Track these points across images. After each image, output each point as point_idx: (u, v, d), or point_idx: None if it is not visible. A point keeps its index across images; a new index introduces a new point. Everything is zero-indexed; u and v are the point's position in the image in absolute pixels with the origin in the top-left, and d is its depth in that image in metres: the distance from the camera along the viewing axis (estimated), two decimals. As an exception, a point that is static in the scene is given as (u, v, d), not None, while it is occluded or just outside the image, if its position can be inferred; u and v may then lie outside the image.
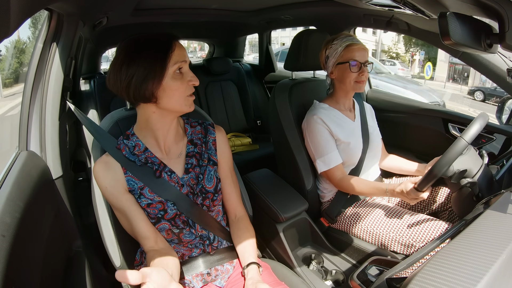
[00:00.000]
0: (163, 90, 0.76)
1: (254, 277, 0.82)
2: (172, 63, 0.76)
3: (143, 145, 0.83)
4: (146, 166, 0.81)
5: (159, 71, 0.74)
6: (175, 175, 0.84)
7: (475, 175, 0.97)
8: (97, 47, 2.55)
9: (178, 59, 0.77)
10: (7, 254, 0.54)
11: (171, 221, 0.82)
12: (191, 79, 0.79)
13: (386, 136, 1.45)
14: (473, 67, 1.26)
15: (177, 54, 0.77)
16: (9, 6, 0.44)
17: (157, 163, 0.83)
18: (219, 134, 0.94)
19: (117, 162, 0.80)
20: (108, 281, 1.12)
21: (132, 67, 0.74)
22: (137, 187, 0.81)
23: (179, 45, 0.79)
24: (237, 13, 2.12)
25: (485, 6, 0.68)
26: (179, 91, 0.77)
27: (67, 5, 0.96)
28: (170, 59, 0.75)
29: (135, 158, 0.81)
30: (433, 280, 0.53)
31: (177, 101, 0.78)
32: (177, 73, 0.77)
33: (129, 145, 0.82)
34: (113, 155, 0.81)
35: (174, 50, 0.76)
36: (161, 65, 0.74)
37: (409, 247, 1.08)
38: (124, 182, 0.81)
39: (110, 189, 0.80)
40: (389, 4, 1.16)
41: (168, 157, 0.85)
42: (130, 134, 0.84)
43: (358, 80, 1.22)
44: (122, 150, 0.82)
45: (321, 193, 1.37)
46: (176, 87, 0.77)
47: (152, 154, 0.83)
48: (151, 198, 0.80)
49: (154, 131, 0.83)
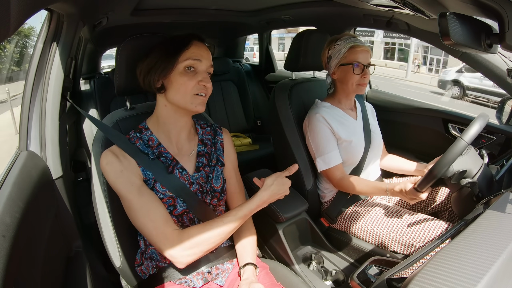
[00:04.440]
0: (170, 82, 0.80)
1: (249, 278, 0.83)
2: (183, 59, 0.79)
3: (156, 139, 0.85)
4: (158, 161, 0.82)
5: (169, 63, 0.78)
6: (186, 173, 0.85)
7: (475, 175, 0.97)
8: (97, 47, 2.55)
9: (191, 56, 0.79)
10: (7, 254, 0.54)
11: (179, 218, 0.82)
12: (202, 80, 0.80)
13: (386, 136, 1.45)
14: (473, 67, 1.26)
15: (192, 51, 0.79)
16: (9, 6, 0.44)
17: (170, 158, 0.84)
18: (225, 135, 0.98)
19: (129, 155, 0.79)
20: (108, 281, 1.12)
21: (151, 56, 0.80)
22: (151, 178, 0.80)
23: (200, 45, 0.82)
24: (237, 13, 2.12)
25: (485, 6, 0.68)
26: (185, 87, 0.79)
27: (67, 5, 0.96)
28: (182, 54, 0.79)
29: (149, 150, 0.82)
30: (433, 280, 0.53)
31: (182, 96, 0.80)
32: (188, 70, 0.79)
33: (143, 138, 0.84)
34: (124, 148, 0.80)
35: (190, 47, 0.80)
36: (172, 57, 0.78)
37: (409, 247, 1.08)
38: (139, 171, 0.80)
39: (126, 172, 0.77)
40: (389, 4, 1.16)
41: (180, 154, 0.87)
42: (143, 128, 0.86)
43: (360, 83, 1.22)
44: (135, 142, 0.82)
45: (321, 193, 1.37)
46: (182, 82, 0.79)
47: (165, 149, 0.84)
48: (163, 193, 0.80)
49: (167, 126, 0.85)
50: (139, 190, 0.76)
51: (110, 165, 0.77)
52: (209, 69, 0.83)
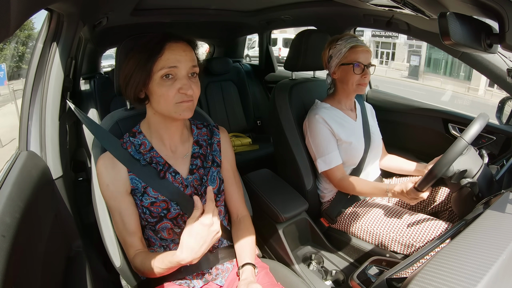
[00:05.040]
0: (150, 93, 0.76)
1: (248, 278, 0.82)
2: (158, 68, 0.72)
3: (149, 143, 0.83)
4: (150, 167, 0.81)
5: (144, 74, 0.73)
6: (179, 176, 0.84)
7: (475, 175, 0.97)
8: (97, 47, 2.55)
9: (166, 64, 0.72)
10: (7, 254, 0.54)
11: (173, 221, 0.82)
12: (181, 87, 0.73)
13: (386, 136, 1.45)
14: (473, 67, 1.26)
15: (166, 59, 0.72)
16: (9, 7, 0.44)
17: (162, 163, 0.83)
18: (223, 135, 0.96)
19: (120, 162, 0.80)
20: (108, 281, 1.12)
21: (127, 67, 0.76)
22: (140, 186, 0.80)
23: (175, 47, 0.73)
24: (237, 13, 2.12)
25: (485, 6, 0.68)
26: (165, 97, 0.73)
27: (67, 5, 0.96)
28: (155, 63, 0.72)
29: (140, 156, 0.81)
30: (433, 280, 0.53)
31: (165, 106, 0.75)
32: (165, 78, 0.73)
33: (135, 143, 0.83)
34: (116, 155, 0.80)
35: (163, 54, 0.72)
36: (146, 69, 0.72)
37: (409, 247, 1.07)
38: (127, 182, 0.80)
39: (112, 187, 0.79)
40: (389, 4, 1.16)
41: (174, 157, 0.86)
42: (137, 132, 0.85)
43: (361, 83, 1.22)
44: (127, 148, 0.82)
45: (321, 193, 1.37)
46: (161, 92, 0.73)
47: (158, 154, 0.83)
48: (155, 197, 0.80)
49: (159, 131, 0.84)
50: (118, 207, 0.80)
51: (100, 175, 0.81)
52: (191, 70, 0.75)
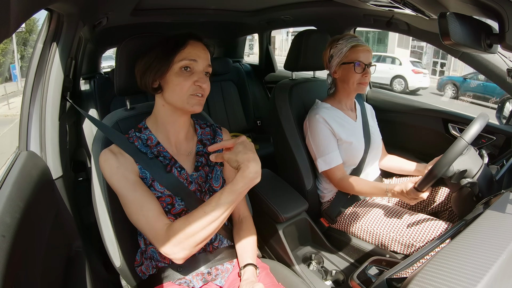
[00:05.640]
0: (166, 82, 0.80)
1: (249, 278, 0.83)
2: (179, 59, 0.78)
3: (155, 138, 0.85)
4: (157, 160, 0.82)
5: (165, 63, 0.78)
6: (185, 172, 0.85)
7: (475, 175, 0.97)
8: (97, 47, 2.55)
9: (187, 57, 0.79)
10: (7, 254, 0.54)
11: (177, 216, 0.82)
12: (197, 80, 0.79)
13: (386, 136, 1.45)
14: (473, 67, 1.26)
15: (188, 52, 0.79)
16: (9, 6, 0.44)
17: (168, 158, 0.84)
18: (225, 135, 0.98)
19: (127, 154, 0.80)
20: (108, 281, 1.12)
21: (148, 56, 0.81)
22: (149, 176, 0.80)
23: (196, 44, 0.81)
24: (237, 13, 2.12)
25: (485, 6, 0.68)
26: (181, 87, 0.79)
27: (67, 5, 0.96)
28: (177, 54, 0.78)
29: (147, 150, 0.82)
30: (433, 280, 0.53)
31: (178, 97, 0.80)
32: (184, 70, 0.79)
33: (141, 137, 0.84)
34: (123, 147, 0.80)
35: (186, 47, 0.79)
36: (167, 58, 0.78)
37: (409, 247, 1.07)
38: (137, 169, 0.80)
39: (121, 168, 0.77)
40: (389, 4, 1.16)
41: (179, 154, 0.87)
42: (142, 128, 0.86)
43: (362, 82, 1.22)
44: (134, 142, 0.83)
45: (321, 193, 1.37)
46: (177, 82, 0.78)
47: (164, 148, 0.85)
48: (161, 191, 0.80)
49: (166, 126, 0.85)
50: (133, 185, 0.77)
51: (106, 162, 0.78)
52: (206, 69, 0.82)
